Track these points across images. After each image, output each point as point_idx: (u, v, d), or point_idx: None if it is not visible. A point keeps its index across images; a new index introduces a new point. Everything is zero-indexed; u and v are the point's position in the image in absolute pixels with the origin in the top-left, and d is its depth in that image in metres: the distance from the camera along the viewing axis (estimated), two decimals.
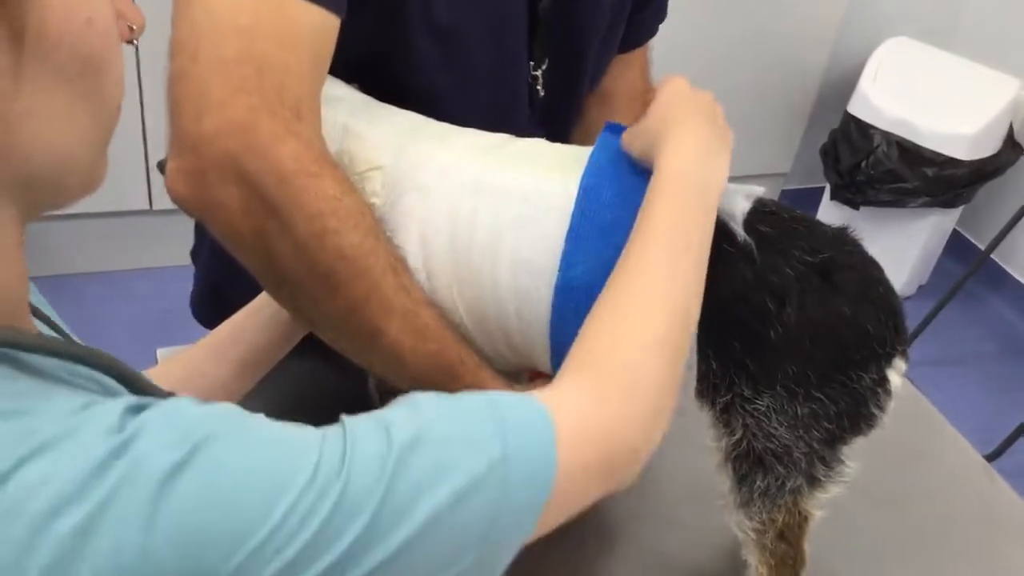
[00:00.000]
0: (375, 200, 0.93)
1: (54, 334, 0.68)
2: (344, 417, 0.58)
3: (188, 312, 1.35)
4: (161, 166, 1.00)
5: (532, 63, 1.13)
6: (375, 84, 1.01)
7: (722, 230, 0.86)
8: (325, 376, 1.16)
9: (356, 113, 0.97)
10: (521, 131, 1.01)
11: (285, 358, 1.01)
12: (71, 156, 0.57)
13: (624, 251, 0.79)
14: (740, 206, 0.87)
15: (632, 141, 0.90)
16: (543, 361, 0.97)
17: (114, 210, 2.74)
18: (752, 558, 0.95)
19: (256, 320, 0.98)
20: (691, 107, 0.89)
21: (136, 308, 2.74)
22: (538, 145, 0.98)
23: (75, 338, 0.70)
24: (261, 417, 0.56)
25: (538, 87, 1.15)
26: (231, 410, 0.55)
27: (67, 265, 2.78)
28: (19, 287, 0.59)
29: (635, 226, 0.81)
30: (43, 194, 0.58)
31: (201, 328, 1.28)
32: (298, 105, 0.80)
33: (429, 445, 0.56)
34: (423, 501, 0.54)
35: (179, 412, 0.52)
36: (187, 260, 1.42)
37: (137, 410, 0.52)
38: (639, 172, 0.89)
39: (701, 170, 0.83)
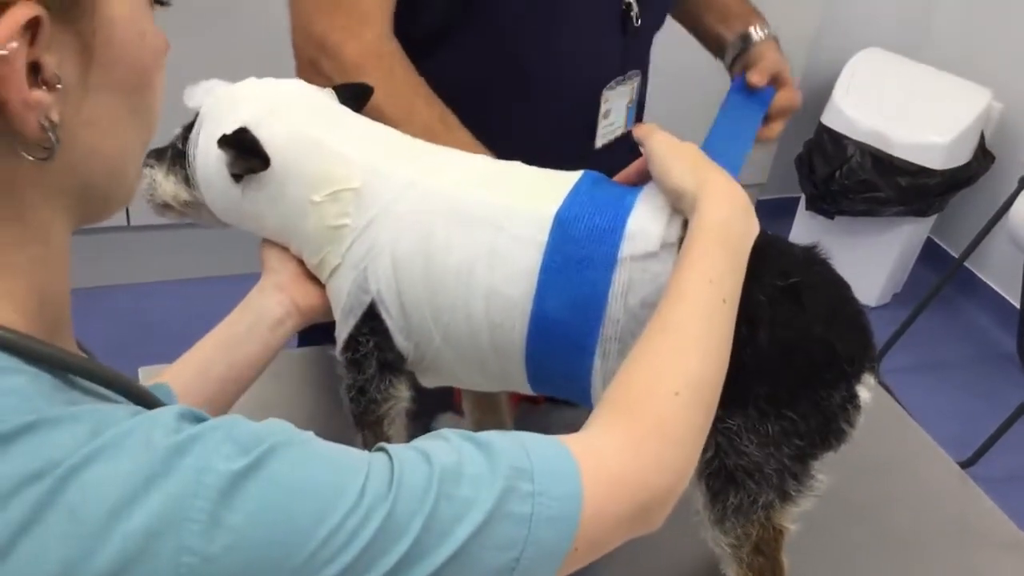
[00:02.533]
0: (346, 221, 0.94)
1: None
2: (386, 445, 0.61)
3: (164, 329, 1.36)
4: None
5: None
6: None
7: None
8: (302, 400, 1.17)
9: (330, 127, 0.97)
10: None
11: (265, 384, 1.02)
12: (121, 166, 0.60)
13: (665, 294, 0.80)
14: None
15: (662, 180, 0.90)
16: (520, 385, 0.97)
17: (92, 227, 2.72)
18: (731, 571, 0.96)
19: (234, 336, 0.98)
20: (710, 161, 0.90)
21: (115, 324, 2.73)
22: (515, 169, 0.98)
23: (90, 352, 0.72)
24: (311, 435, 0.58)
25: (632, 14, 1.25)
26: (284, 426, 0.57)
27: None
28: (62, 300, 0.62)
29: (676, 270, 0.82)
30: (95, 204, 0.61)
31: (180, 344, 1.28)
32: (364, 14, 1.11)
33: (465, 478, 0.59)
34: (459, 529, 0.57)
35: (236, 425, 0.54)
36: (165, 276, 1.43)
37: (191, 417, 0.54)
38: (615, 208, 0.89)
39: (743, 222, 0.85)
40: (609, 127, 1.34)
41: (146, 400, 0.59)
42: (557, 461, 0.64)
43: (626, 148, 1.12)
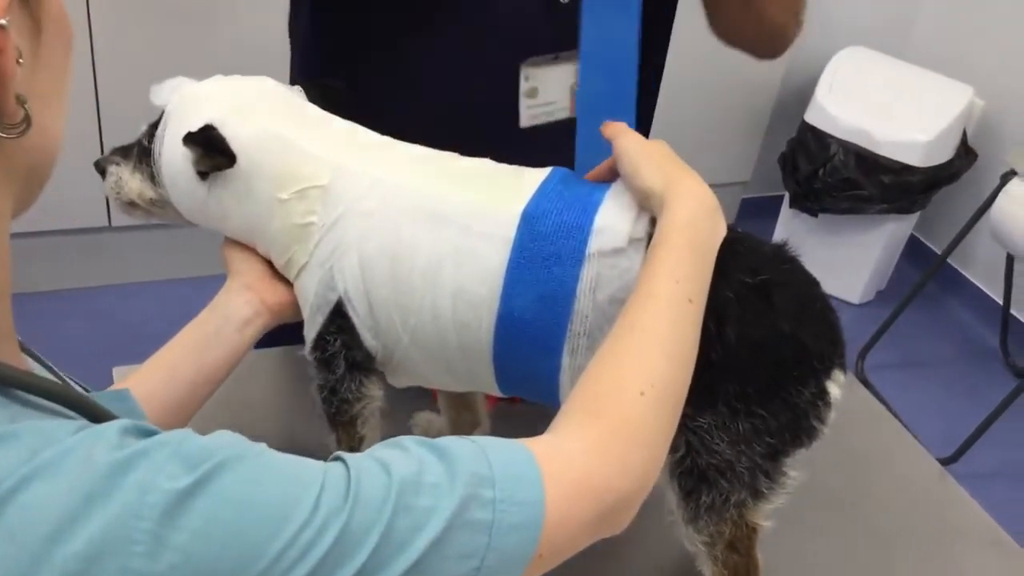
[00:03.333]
0: (313, 219, 0.93)
1: (38, 365, 0.67)
2: (343, 454, 0.59)
3: (145, 330, 1.35)
4: (98, 166, 0.99)
5: None
6: None
7: None
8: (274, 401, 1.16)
9: (297, 125, 0.96)
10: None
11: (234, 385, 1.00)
12: (56, 143, 0.59)
13: (632, 293, 0.80)
14: None
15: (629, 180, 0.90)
16: (489, 387, 0.97)
17: (72, 227, 2.72)
18: (706, 570, 0.95)
19: (203, 337, 0.98)
20: (681, 163, 0.90)
21: (93, 326, 2.72)
22: (483, 165, 0.97)
23: (52, 366, 0.70)
24: (263, 447, 0.56)
25: None
26: (235, 439, 0.56)
27: (24, 283, 2.75)
28: (5, 302, 0.59)
29: (643, 269, 0.82)
30: (32, 189, 0.59)
31: (161, 344, 1.27)
32: None
33: (424, 488, 0.58)
34: (418, 540, 0.56)
35: (184, 441, 0.53)
36: (145, 277, 1.42)
37: (136, 432, 0.52)
38: (583, 204, 0.89)
39: (710, 222, 0.85)
40: (543, 108, 1.26)
41: (94, 413, 0.57)
42: (518, 466, 0.63)
43: (568, 132, 1.07)
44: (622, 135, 0.92)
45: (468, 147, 0.98)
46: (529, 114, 1.25)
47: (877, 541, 1.15)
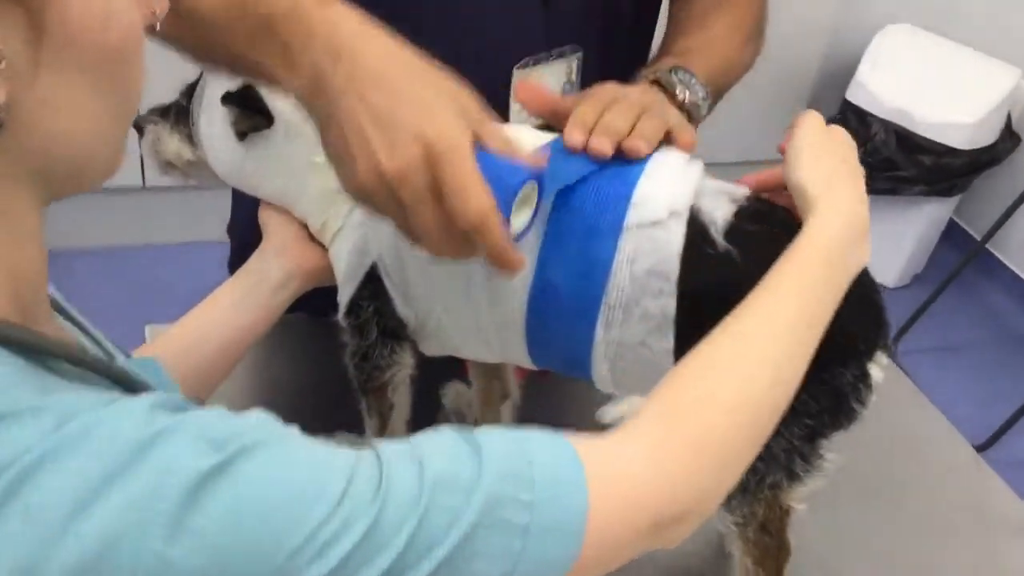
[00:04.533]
0: None
1: (70, 324, 0.67)
2: (378, 445, 0.57)
3: (178, 290, 1.35)
4: (135, 125, 0.98)
5: None
6: None
7: (703, 234, 0.84)
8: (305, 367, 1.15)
9: None
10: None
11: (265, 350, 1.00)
12: (88, 148, 0.57)
13: (747, 302, 0.74)
14: (722, 211, 0.86)
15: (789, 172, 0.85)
16: (521, 358, 0.96)
17: (106, 186, 2.72)
18: (736, 550, 0.95)
19: (237, 299, 0.98)
20: (854, 171, 0.85)
21: (126, 285, 2.74)
22: (522, 132, 0.95)
23: (86, 324, 0.69)
24: (293, 432, 0.54)
25: None
26: (265, 421, 0.54)
27: (58, 240, 2.76)
28: (37, 278, 0.58)
29: (770, 274, 0.76)
30: (62, 183, 0.57)
31: (189, 307, 1.27)
32: None
33: (459, 486, 0.55)
34: (448, 540, 0.53)
35: (210, 421, 0.51)
36: (178, 238, 1.42)
37: (168, 407, 0.51)
38: (623, 176, 0.87)
39: (854, 247, 0.80)
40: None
41: (128, 382, 0.56)
42: (561, 468, 0.59)
43: None
44: (806, 119, 0.87)
45: None
46: (518, 119, 1.17)
47: (910, 527, 1.14)
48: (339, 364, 1.02)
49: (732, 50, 1.13)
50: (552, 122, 0.91)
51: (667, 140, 0.91)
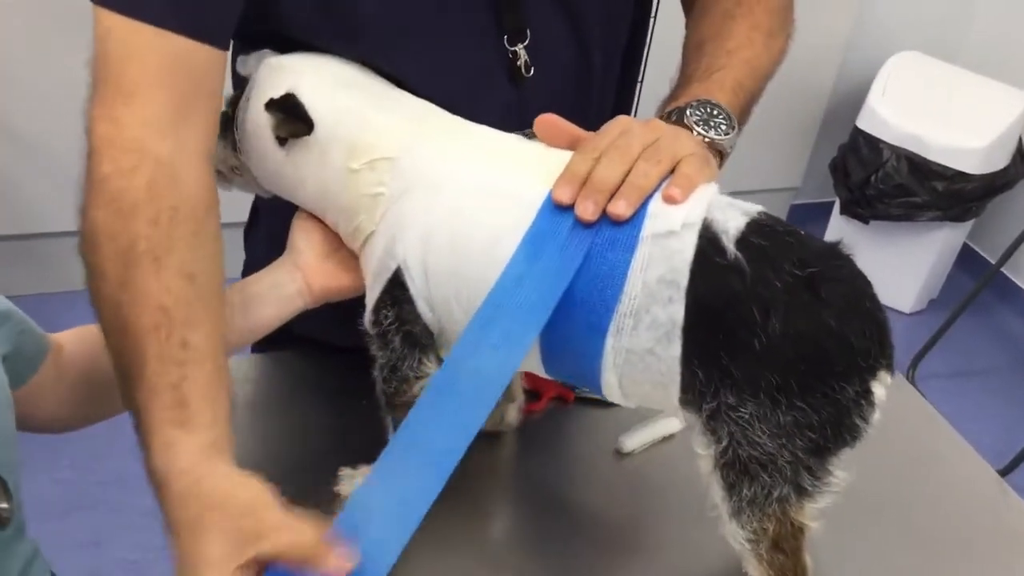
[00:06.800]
0: (381, 190, 0.95)
1: None
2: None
3: None
4: None
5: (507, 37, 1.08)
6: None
7: (714, 243, 0.86)
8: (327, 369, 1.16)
9: (372, 98, 0.99)
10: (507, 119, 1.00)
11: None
12: None
13: None
14: (735, 222, 0.88)
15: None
16: (534, 365, 0.97)
17: None
18: (752, 569, 0.95)
19: (254, 293, 1.03)
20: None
21: None
22: (549, 150, 0.97)
23: None
24: None
25: (519, 64, 1.09)
26: None
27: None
28: None
29: None
30: None
31: None
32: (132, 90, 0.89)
33: None
34: None
35: None
36: None
37: None
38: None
39: None
40: None
41: None
42: None
43: None
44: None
45: None
46: None
47: (931, 549, 1.14)
48: (338, 402, 1.04)
49: (754, 54, 1.14)
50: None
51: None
